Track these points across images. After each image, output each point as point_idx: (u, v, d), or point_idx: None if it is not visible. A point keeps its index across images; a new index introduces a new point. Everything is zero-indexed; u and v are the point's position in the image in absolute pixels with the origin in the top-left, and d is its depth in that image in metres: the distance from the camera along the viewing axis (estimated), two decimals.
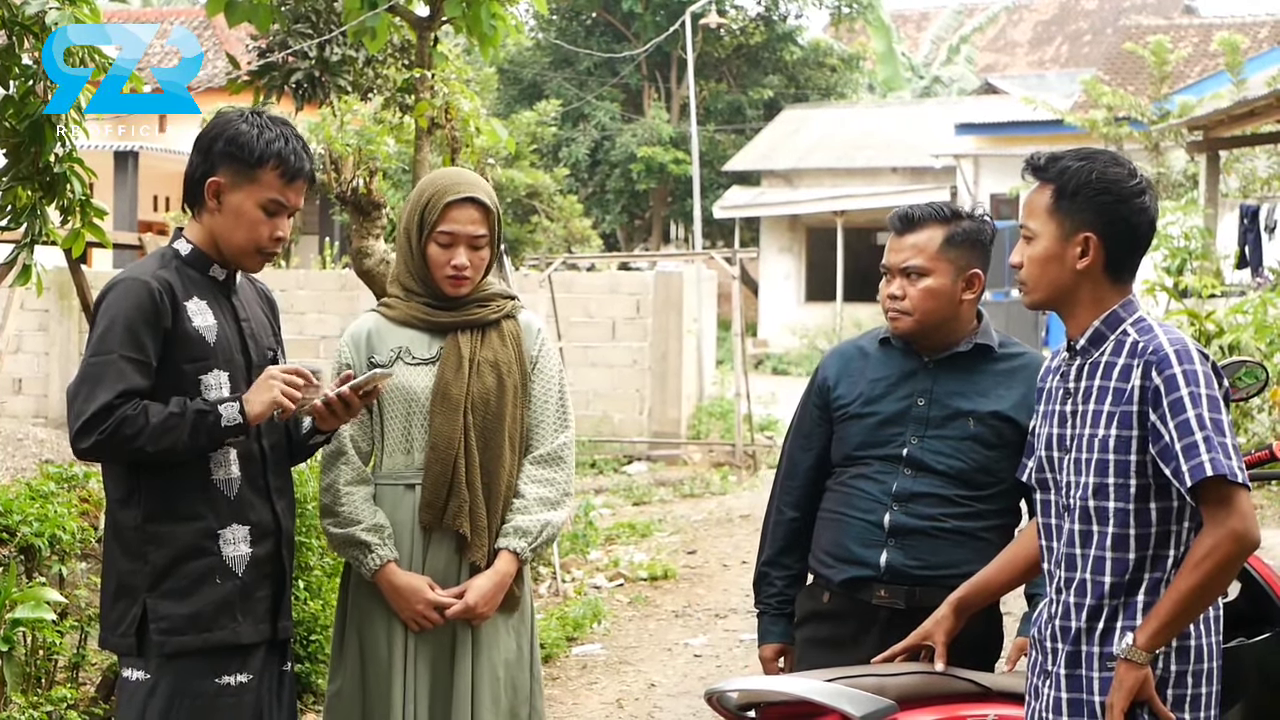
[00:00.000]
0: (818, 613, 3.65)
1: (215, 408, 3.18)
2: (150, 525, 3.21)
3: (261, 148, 3.24)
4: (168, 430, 3.13)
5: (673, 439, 15.10)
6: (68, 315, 15.70)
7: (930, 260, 3.54)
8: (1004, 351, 3.63)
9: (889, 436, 3.56)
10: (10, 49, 4.97)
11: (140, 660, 3.23)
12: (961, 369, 3.59)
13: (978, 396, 3.56)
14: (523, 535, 3.68)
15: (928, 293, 3.54)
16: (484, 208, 3.69)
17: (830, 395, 3.69)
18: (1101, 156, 2.94)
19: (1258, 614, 3.36)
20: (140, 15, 25.65)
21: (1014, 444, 3.49)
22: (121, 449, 3.14)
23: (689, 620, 8.20)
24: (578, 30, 33.81)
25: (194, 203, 3.32)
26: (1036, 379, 3.54)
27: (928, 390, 3.58)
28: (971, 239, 3.57)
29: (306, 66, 8.66)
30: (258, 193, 3.26)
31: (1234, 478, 2.71)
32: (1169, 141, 21.00)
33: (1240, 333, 11.47)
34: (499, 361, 3.70)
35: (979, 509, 3.53)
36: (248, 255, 3.32)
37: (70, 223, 5.22)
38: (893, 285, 3.58)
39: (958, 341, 3.60)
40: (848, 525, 3.57)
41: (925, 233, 3.55)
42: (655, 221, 33.66)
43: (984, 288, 3.61)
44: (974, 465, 3.53)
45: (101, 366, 3.15)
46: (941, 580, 3.47)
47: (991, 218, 3.67)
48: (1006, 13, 42.56)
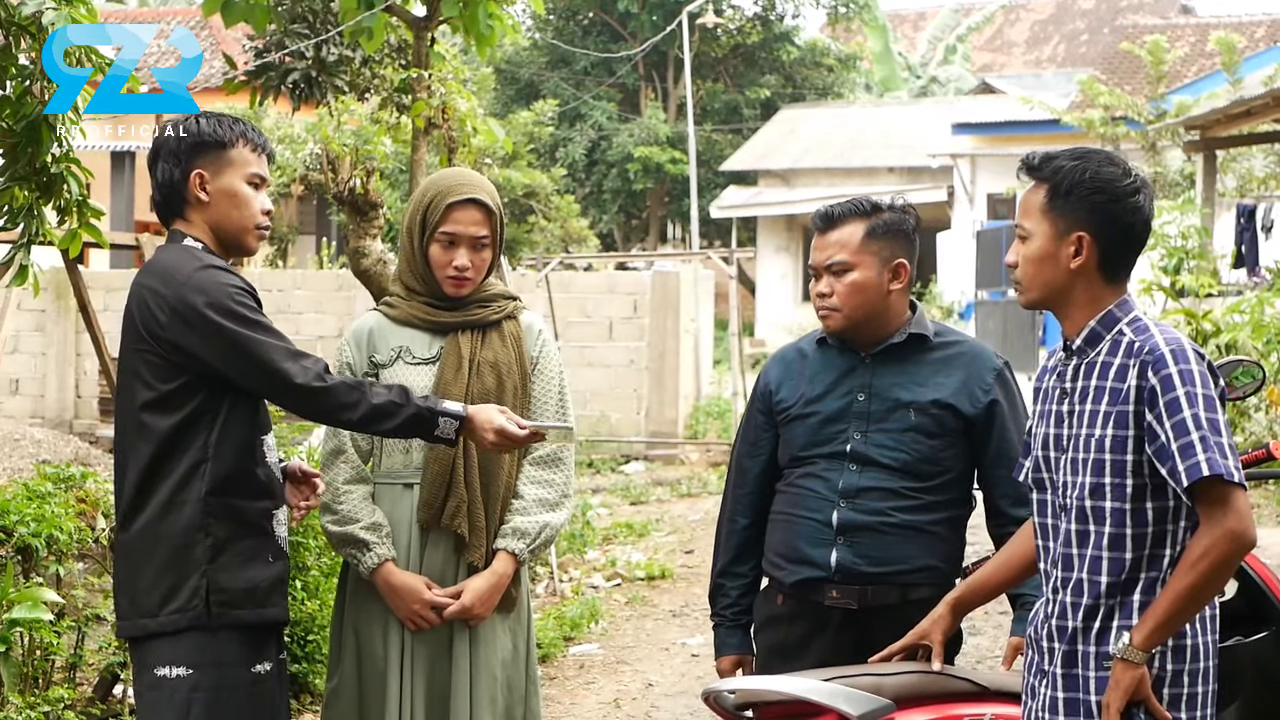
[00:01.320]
0: (773, 617, 3.66)
1: (437, 418, 3.33)
2: (215, 498, 3.24)
3: (225, 130, 3.36)
4: (384, 414, 3.28)
5: (670, 439, 15.11)
6: (65, 315, 15.70)
7: (853, 255, 3.55)
8: (940, 340, 3.64)
9: (833, 434, 3.57)
10: (7, 49, 4.97)
11: (180, 651, 3.20)
12: (898, 360, 3.60)
13: (916, 387, 3.57)
14: (521, 536, 3.68)
15: (853, 287, 3.55)
16: (486, 209, 3.70)
17: (773, 400, 3.70)
18: (1096, 156, 2.94)
19: (1255, 613, 3.36)
20: (137, 15, 25.64)
21: (956, 432, 3.53)
22: (332, 413, 3.31)
23: (686, 620, 8.21)
24: (575, 30, 33.82)
25: (178, 209, 3.37)
26: (975, 364, 3.59)
27: (867, 385, 3.59)
28: (894, 230, 3.57)
29: (303, 67, 8.67)
30: (239, 169, 3.35)
31: (1230, 477, 2.72)
32: (1166, 141, 21.02)
33: (1237, 332, 11.48)
34: (499, 362, 3.70)
35: (927, 501, 3.53)
36: (248, 234, 3.39)
37: (67, 223, 5.22)
38: (820, 284, 3.59)
39: (891, 333, 3.61)
40: (797, 525, 3.58)
41: (847, 228, 3.56)
42: (652, 221, 33.68)
43: (911, 277, 3.61)
44: (918, 456, 3.53)
45: (272, 332, 3.26)
46: (892, 578, 3.49)
47: (912, 210, 3.66)
48: (1003, 12, 42.59)
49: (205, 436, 3.24)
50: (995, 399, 3.58)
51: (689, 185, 29.30)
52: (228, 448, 3.26)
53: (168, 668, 3.21)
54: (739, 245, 29.92)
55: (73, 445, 10.60)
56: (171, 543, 3.22)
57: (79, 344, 15.64)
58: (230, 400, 3.26)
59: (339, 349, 3.78)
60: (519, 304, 3.85)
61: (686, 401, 16.02)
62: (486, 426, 3.38)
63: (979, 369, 3.61)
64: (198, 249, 3.34)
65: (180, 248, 3.34)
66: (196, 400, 3.23)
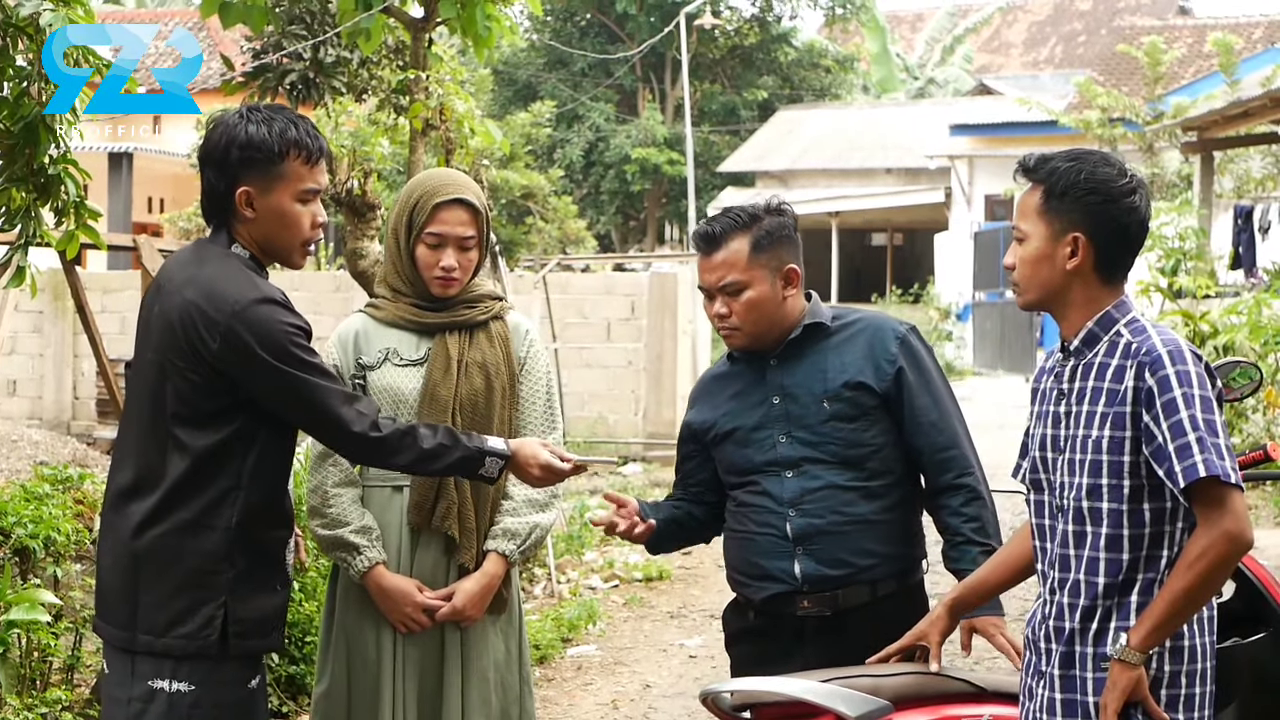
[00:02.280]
0: (747, 630, 3.64)
1: (484, 458, 3.31)
2: (242, 528, 3.14)
3: (276, 140, 3.17)
4: (433, 457, 3.26)
5: (668, 440, 15.09)
6: (62, 317, 15.69)
7: (743, 273, 3.50)
8: (839, 323, 3.61)
9: (759, 443, 3.54)
10: (4, 50, 4.97)
11: (184, 668, 3.12)
12: (802, 354, 3.57)
13: (825, 375, 3.53)
14: (511, 537, 3.68)
15: (749, 305, 3.51)
16: (473, 209, 3.68)
17: (697, 429, 3.69)
18: (1091, 157, 2.94)
19: (1252, 614, 3.36)
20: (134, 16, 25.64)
21: (873, 410, 3.50)
22: (384, 459, 3.29)
23: (684, 621, 8.21)
24: (572, 31, 33.85)
25: (223, 218, 3.24)
26: (876, 336, 3.55)
27: (779, 387, 3.56)
28: (777, 237, 3.53)
29: (301, 68, 8.67)
30: (290, 187, 3.20)
31: (1227, 479, 2.72)
32: (1163, 142, 21.06)
33: (1234, 333, 11.49)
34: (487, 363, 3.69)
35: (869, 488, 3.50)
36: (295, 251, 3.28)
37: (64, 224, 5.21)
38: (716, 305, 3.54)
39: (789, 331, 3.58)
40: (753, 541, 3.55)
41: (732, 245, 3.50)
42: (650, 222, 33.70)
43: (802, 278, 3.58)
44: (843, 444, 3.50)
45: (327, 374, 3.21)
46: (858, 577, 3.48)
47: (788, 208, 3.62)
48: (1001, 13, 42.63)
49: (240, 463, 3.14)
50: (900, 367, 3.52)
51: (686, 186, 29.29)
52: (261, 478, 3.17)
53: (166, 680, 3.13)
54: None
55: (70, 446, 10.60)
56: (191, 565, 3.12)
57: (77, 345, 15.64)
58: (269, 428, 3.18)
59: (325, 352, 3.75)
60: (506, 304, 3.84)
61: (684, 403, 16.03)
62: (531, 462, 3.37)
63: (881, 340, 3.56)
64: (244, 259, 3.22)
65: (227, 256, 3.21)
66: (235, 425, 3.14)
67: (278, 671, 5.81)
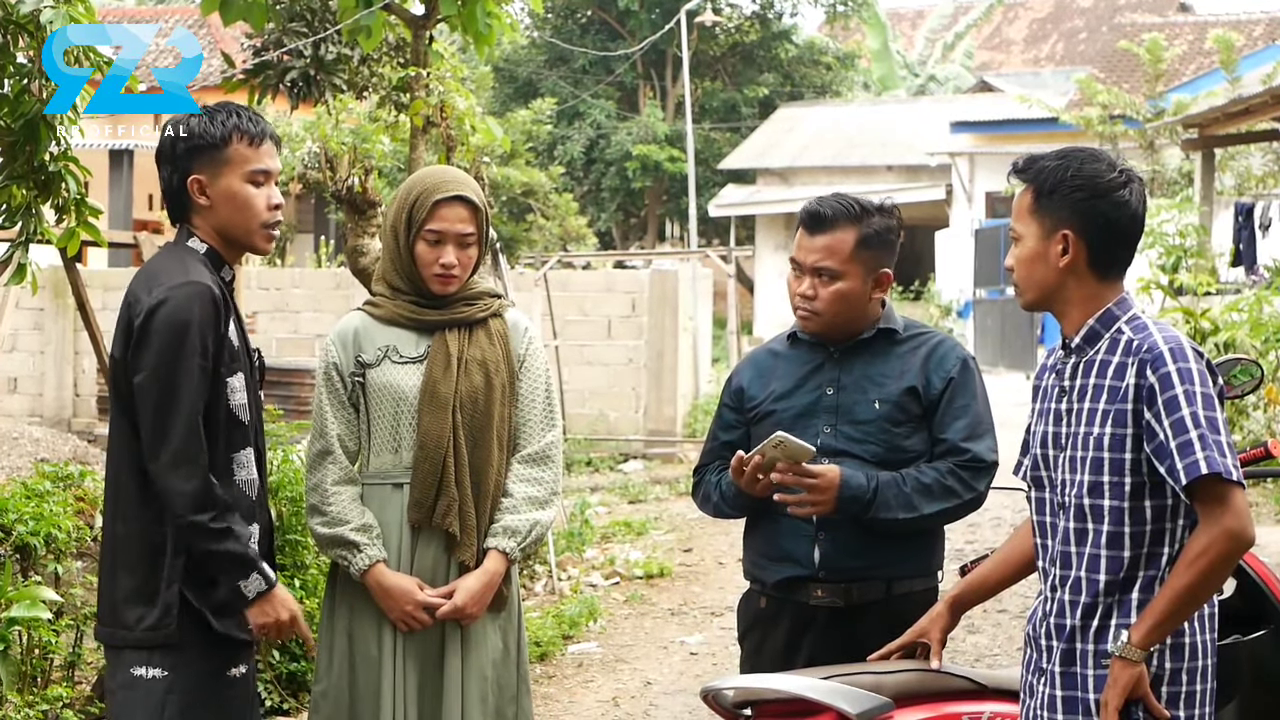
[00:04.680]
0: (758, 620, 3.65)
1: (251, 571, 3.22)
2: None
3: (219, 128, 3.29)
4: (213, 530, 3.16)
5: (668, 437, 15.11)
6: (63, 314, 15.68)
7: (842, 264, 3.52)
8: (909, 334, 3.63)
9: (802, 430, 3.53)
10: (5, 48, 4.97)
11: (156, 656, 3.21)
12: (866, 354, 3.59)
13: (883, 379, 3.56)
14: (511, 535, 3.67)
15: (839, 295, 3.53)
16: (472, 206, 3.68)
17: (744, 398, 3.69)
18: (1079, 154, 2.94)
19: (1253, 611, 3.36)
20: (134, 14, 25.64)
21: (917, 418, 3.52)
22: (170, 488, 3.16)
23: (685, 618, 8.21)
24: (573, 28, 33.83)
25: (183, 211, 3.34)
26: (940, 351, 3.56)
27: (835, 379, 3.58)
28: (882, 237, 3.55)
29: (301, 65, 8.65)
30: (237, 169, 3.29)
31: (1229, 476, 2.72)
32: (1164, 139, 21.04)
33: (1235, 330, 11.49)
34: (486, 360, 3.69)
35: None
36: (257, 234, 3.34)
37: (65, 221, 5.22)
38: (804, 284, 3.56)
39: (862, 330, 3.60)
40: (778, 523, 3.55)
41: (838, 234, 3.52)
42: (650, 220, 33.70)
43: (891, 284, 3.60)
44: (885, 445, 3.52)
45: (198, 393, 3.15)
46: (874, 572, 3.49)
47: (897, 212, 3.63)
48: (1002, 10, 42.56)
49: None
50: (952, 378, 3.54)
51: (687, 183, 29.31)
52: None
53: (143, 668, 3.22)
54: (737, 243, 29.96)
55: (71, 444, 10.61)
56: (145, 558, 3.22)
57: (77, 342, 15.63)
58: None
59: (324, 349, 3.75)
60: (504, 302, 3.84)
61: (685, 400, 16.01)
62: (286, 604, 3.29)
63: (943, 355, 3.58)
64: (199, 252, 3.30)
65: (180, 249, 3.31)
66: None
67: (278, 669, 5.81)
